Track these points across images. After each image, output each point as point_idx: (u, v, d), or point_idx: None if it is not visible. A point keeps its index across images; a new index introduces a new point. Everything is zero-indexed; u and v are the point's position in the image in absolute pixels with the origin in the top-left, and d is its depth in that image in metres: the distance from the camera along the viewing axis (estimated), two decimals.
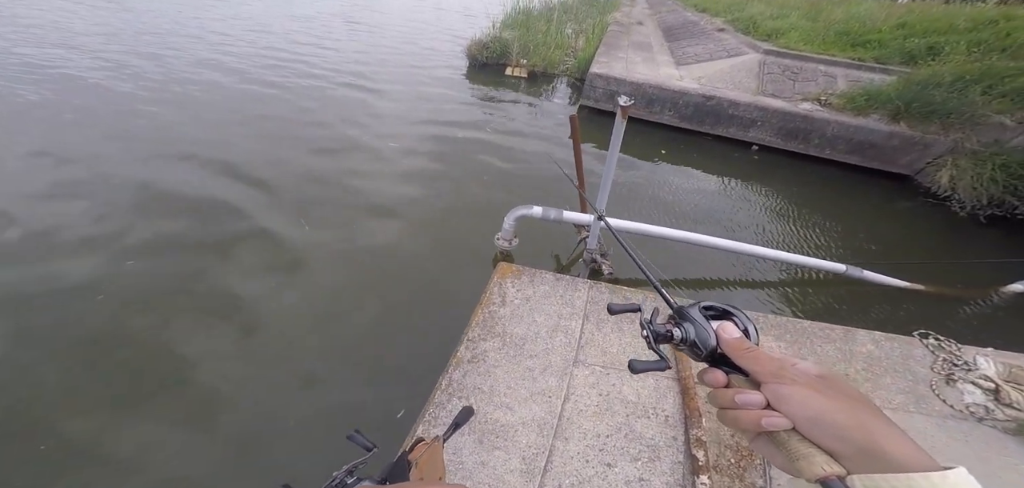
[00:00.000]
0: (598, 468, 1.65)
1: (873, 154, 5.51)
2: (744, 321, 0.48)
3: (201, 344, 2.62)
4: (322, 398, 2.39)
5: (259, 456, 2.13)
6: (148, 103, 5.86)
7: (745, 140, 6.04)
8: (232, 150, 4.78)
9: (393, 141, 5.33)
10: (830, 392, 0.37)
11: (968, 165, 4.75)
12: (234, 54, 8.27)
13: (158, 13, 11.08)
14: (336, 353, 2.64)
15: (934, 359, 2.12)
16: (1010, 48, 5.72)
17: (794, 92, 6.21)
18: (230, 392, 2.39)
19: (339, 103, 6.39)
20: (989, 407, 1.82)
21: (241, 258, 3.30)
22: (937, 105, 5.13)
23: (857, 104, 5.64)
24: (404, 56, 9.14)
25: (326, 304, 2.96)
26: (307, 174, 4.47)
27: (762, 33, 8.00)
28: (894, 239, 4.35)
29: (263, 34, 9.93)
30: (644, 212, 4.34)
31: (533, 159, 5.22)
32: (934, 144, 5.18)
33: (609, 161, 2.70)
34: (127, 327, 2.70)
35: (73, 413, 2.25)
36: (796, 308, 3.34)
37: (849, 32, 7.53)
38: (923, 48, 6.42)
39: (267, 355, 2.60)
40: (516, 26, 9.43)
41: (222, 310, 2.86)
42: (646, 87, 6.29)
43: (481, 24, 9.46)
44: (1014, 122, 4.84)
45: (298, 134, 5.33)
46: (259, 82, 6.94)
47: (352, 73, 7.74)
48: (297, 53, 8.69)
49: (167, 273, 3.11)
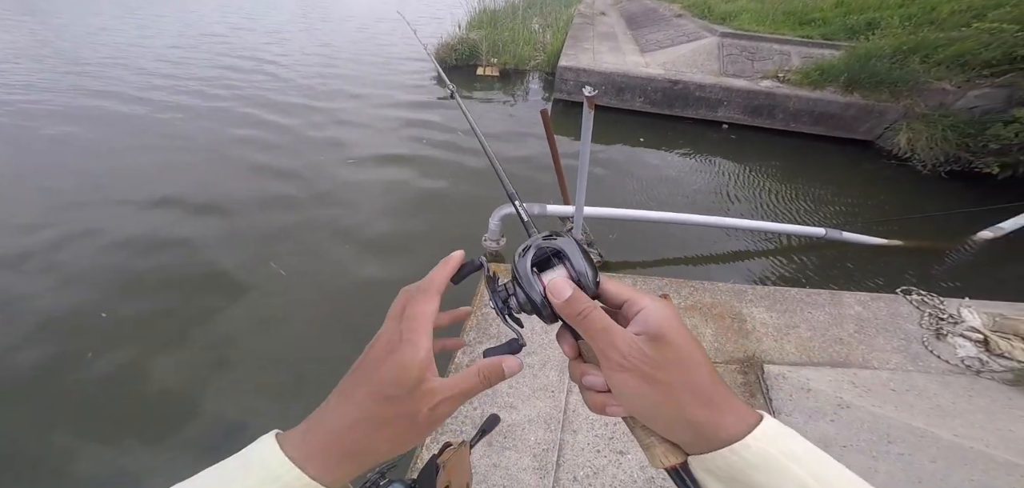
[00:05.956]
0: (610, 456, 1.60)
1: (834, 124, 5.73)
2: (577, 263, 0.38)
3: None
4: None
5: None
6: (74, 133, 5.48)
7: (715, 120, 6.18)
8: (180, 181, 4.46)
9: (366, 154, 5.16)
10: (657, 368, 0.33)
11: (922, 128, 5.02)
12: (171, 75, 7.87)
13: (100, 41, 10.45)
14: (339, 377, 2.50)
15: (921, 315, 2.17)
16: (936, 20, 6.08)
17: (754, 71, 6.39)
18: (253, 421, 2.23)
19: (304, 119, 6.13)
20: (983, 359, 1.86)
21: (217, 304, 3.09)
22: (883, 75, 5.40)
23: (812, 79, 5.86)
24: (369, 66, 8.93)
25: (318, 337, 2.80)
26: (272, 201, 4.14)
27: (717, 16, 8.25)
28: (865, 201, 4.53)
29: (196, 51, 9.50)
30: (631, 198, 4.38)
31: (514, 157, 5.17)
32: (888, 111, 5.43)
33: (582, 152, 2.68)
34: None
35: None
36: (781, 275, 3.40)
37: (794, 11, 7.86)
38: (862, 24, 6.74)
39: (281, 381, 2.49)
40: (483, 26, 9.36)
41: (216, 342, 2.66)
42: (615, 76, 6.35)
43: (446, 28, 9.34)
44: (954, 87, 5.14)
45: (254, 159, 5.02)
46: (191, 101, 6.60)
47: (315, 88, 7.49)
48: (250, 69, 8.34)
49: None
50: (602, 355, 0.34)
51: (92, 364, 2.56)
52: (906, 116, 5.27)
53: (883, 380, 1.83)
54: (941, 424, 1.63)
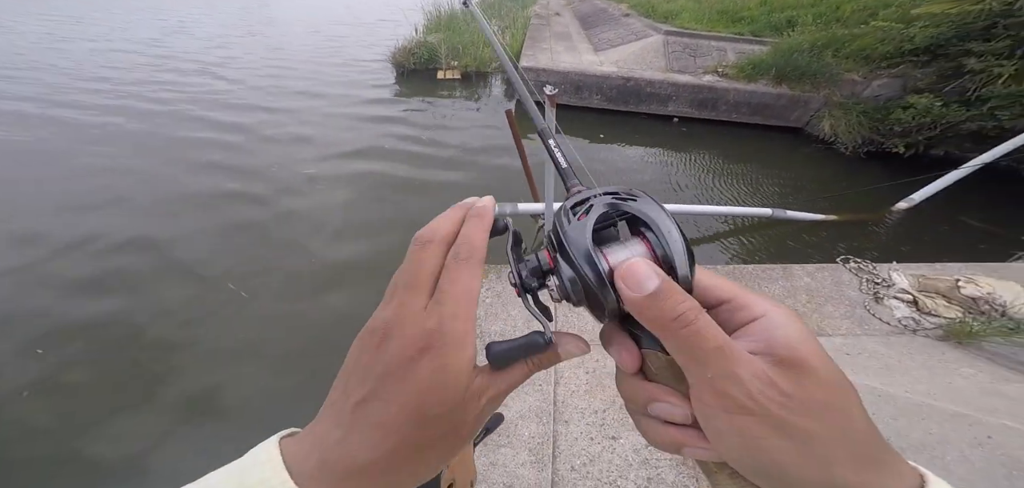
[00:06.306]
0: (604, 443, 1.65)
1: (770, 113, 6.23)
2: (669, 238, 0.26)
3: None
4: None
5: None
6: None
7: (666, 114, 6.52)
8: (114, 198, 4.05)
9: (327, 168, 4.89)
10: (796, 412, 0.23)
11: (840, 115, 5.59)
12: (108, 89, 7.12)
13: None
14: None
15: (859, 281, 2.42)
16: (841, 18, 6.81)
17: (696, 66, 6.81)
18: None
19: (259, 132, 5.72)
20: (916, 318, 2.10)
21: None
22: (804, 68, 5.97)
23: (747, 73, 6.34)
24: (326, 72, 8.51)
25: (296, 370, 2.60)
26: (229, 226, 3.77)
27: (660, 15, 8.73)
28: (800, 182, 4.99)
29: (134, 64, 8.67)
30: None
31: (480, 159, 5.16)
32: (812, 100, 5.99)
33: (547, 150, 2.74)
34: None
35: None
36: (735, 254, 3.67)
37: (727, 10, 8.48)
38: (783, 21, 7.41)
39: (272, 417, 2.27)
40: (441, 28, 9.23)
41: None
42: (572, 75, 6.52)
43: (402, 32, 9.11)
44: (861, 77, 5.78)
45: (205, 171, 4.69)
46: (137, 114, 6.04)
47: (270, 102, 7.05)
48: (192, 81, 7.71)
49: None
50: (707, 386, 0.24)
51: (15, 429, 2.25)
52: (827, 104, 5.84)
53: (838, 346, 2.03)
54: (892, 382, 1.82)
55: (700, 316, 0.24)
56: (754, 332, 0.25)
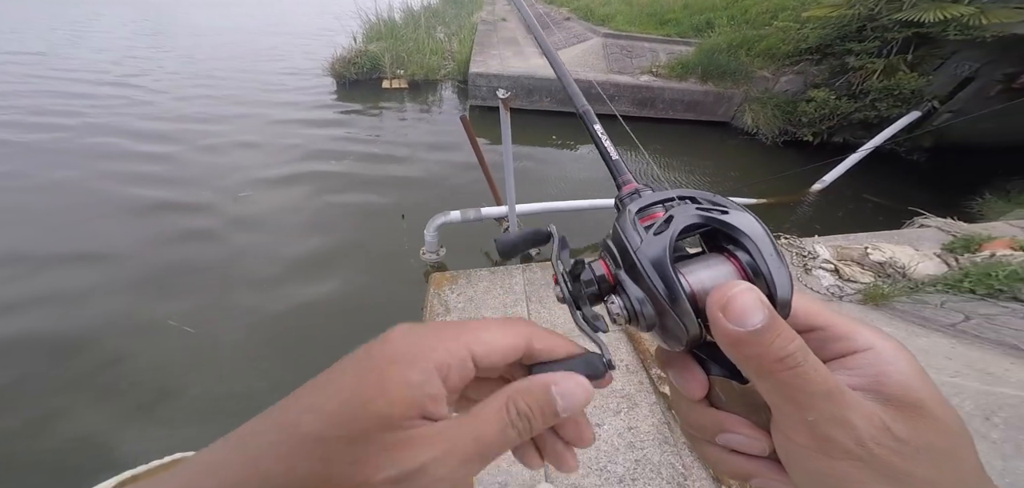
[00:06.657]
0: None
1: (701, 109, 6.78)
2: (764, 256, 0.23)
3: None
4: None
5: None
6: None
7: (611, 113, 6.84)
8: (41, 233, 3.55)
9: (270, 191, 4.51)
10: (910, 459, 0.21)
11: (758, 108, 6.23)
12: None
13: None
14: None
15: (791, 255, 2.74)
16: (750, 20, 7.61)
17: (633, 67, 7.25)
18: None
19: (186, 158, 5.16)
20: (839, 286, 2.41)
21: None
22: (724, 67, 6.58)
23: (677, 72, 6.87)
24: (251, 85, 7.91)
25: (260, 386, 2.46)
26: (168, 261, 3.40)
27: (598, 18, 9.16)
28: (732, 170, 5.51)
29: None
30: (553, 193, 4.68)
31: (435, 169, 5.09)
32: (734, 96, 6.62)
33: (505, 153, 2.80)
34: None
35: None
36: None
37: (655, 13, 9.11)
38: (703, 23, 8.11)
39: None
40: (382, 37, 8.94)
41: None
42: (523, 79, 6.66)
43: (340, 40, 8.70)
44: (770, 74, 6.50)
45: (129, 195, 4.21)
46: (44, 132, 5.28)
47: (192, 116, 6.43)
48: (109, 95, 6.85)
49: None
50: (804, 428, 0.21)
51: None
52: (747, 100, 6.48)
53: None
54: None
55: (808, 357, 0.21)
56: (857, 366, 0.23)
